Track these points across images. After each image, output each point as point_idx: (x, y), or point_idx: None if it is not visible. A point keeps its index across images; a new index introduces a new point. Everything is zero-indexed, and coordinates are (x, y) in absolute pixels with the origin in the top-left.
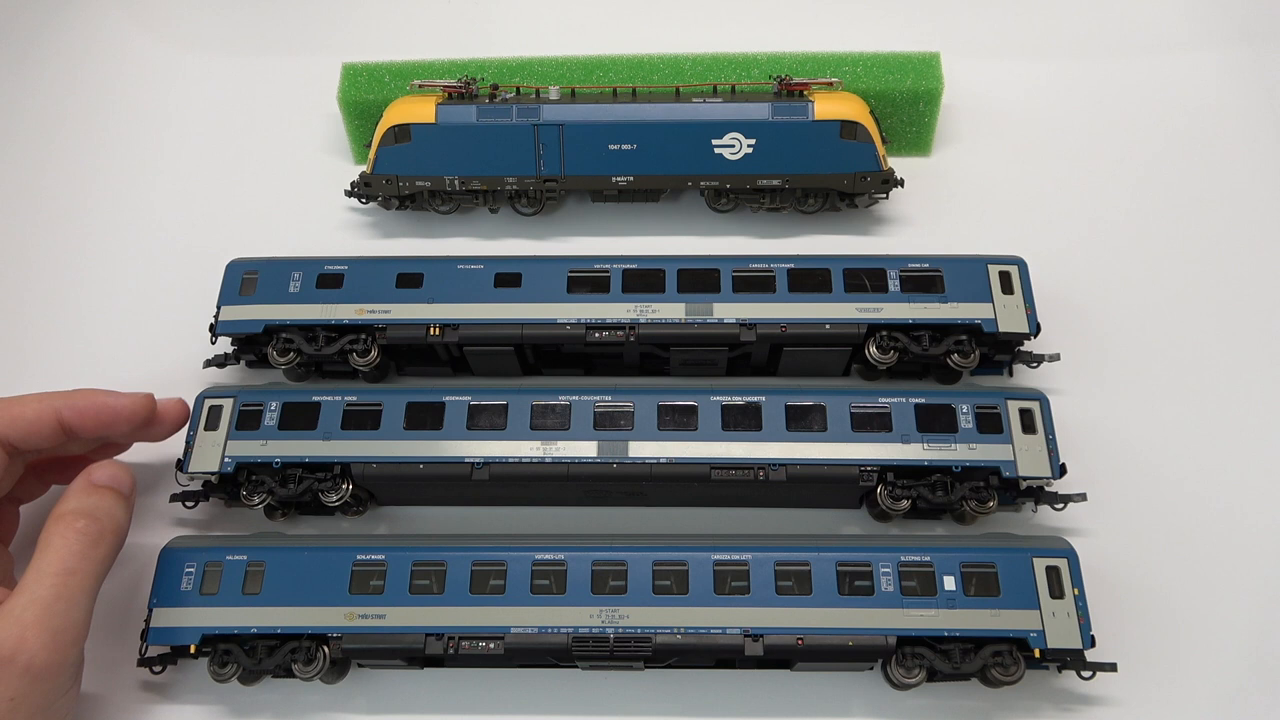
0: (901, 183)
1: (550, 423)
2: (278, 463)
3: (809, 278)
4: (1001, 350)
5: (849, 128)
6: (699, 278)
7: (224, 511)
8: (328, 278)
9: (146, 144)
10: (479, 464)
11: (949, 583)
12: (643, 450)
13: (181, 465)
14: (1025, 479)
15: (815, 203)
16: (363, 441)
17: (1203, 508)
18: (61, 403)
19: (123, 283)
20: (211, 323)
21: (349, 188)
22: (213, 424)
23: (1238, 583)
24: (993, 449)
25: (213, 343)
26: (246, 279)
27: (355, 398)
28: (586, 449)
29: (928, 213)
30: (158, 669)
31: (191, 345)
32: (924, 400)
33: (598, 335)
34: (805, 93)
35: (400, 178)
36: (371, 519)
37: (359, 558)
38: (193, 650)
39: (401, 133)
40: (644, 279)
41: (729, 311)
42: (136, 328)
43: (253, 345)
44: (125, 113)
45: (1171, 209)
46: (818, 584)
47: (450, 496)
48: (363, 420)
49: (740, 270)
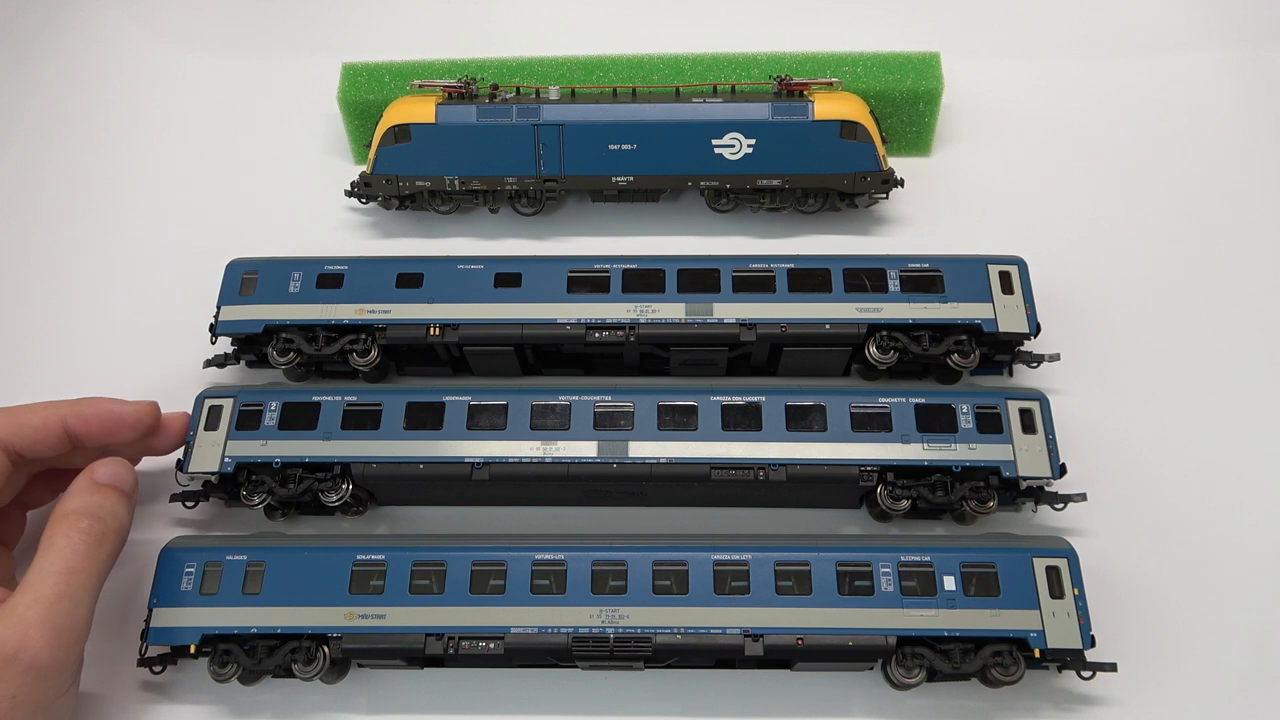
0: (901, 183)
1: (550, 423)
2: (278, 463)
3: (809, 278)
4: (1001, 350)
5: (849, 128)
6: (699, 278)
7: (224, 511)
8: (328, 278)
9: (146, 144)
10: (479, 464)
11: (949, 583)
12: (643, 450)
13: (181, 465)
14: (1025, 479)
15: (815, 203)
16: (363, 441)
17: (1203, 508)
18: (67, 410)
19: (122, 282)
20: (211, 323)
21: (349, 188)
22: (213, 424)
23: (1238, 583)
24: (993, 449)
25: (213, 343)
26: (246, 279)
27: (355, 398)
28: (586, 449)
29: (928, 213)
30: (158, 669)
31: (191, 345)
32: (924, 400)
33: (598, 335)
34: (805, 93)
35: (400, 178)
36: (371, 519)
37: (359, 558)
38: (193, 650)
39: (401, 133)
40: (644, 279)
41: (729, 311)
42: (136, 327)
43: (253, 345)
44: (125, 113)
45: (1172, 209)
46: (818, 584)
47: (450, 496)
48: (363, 420)
49: (740, 270)
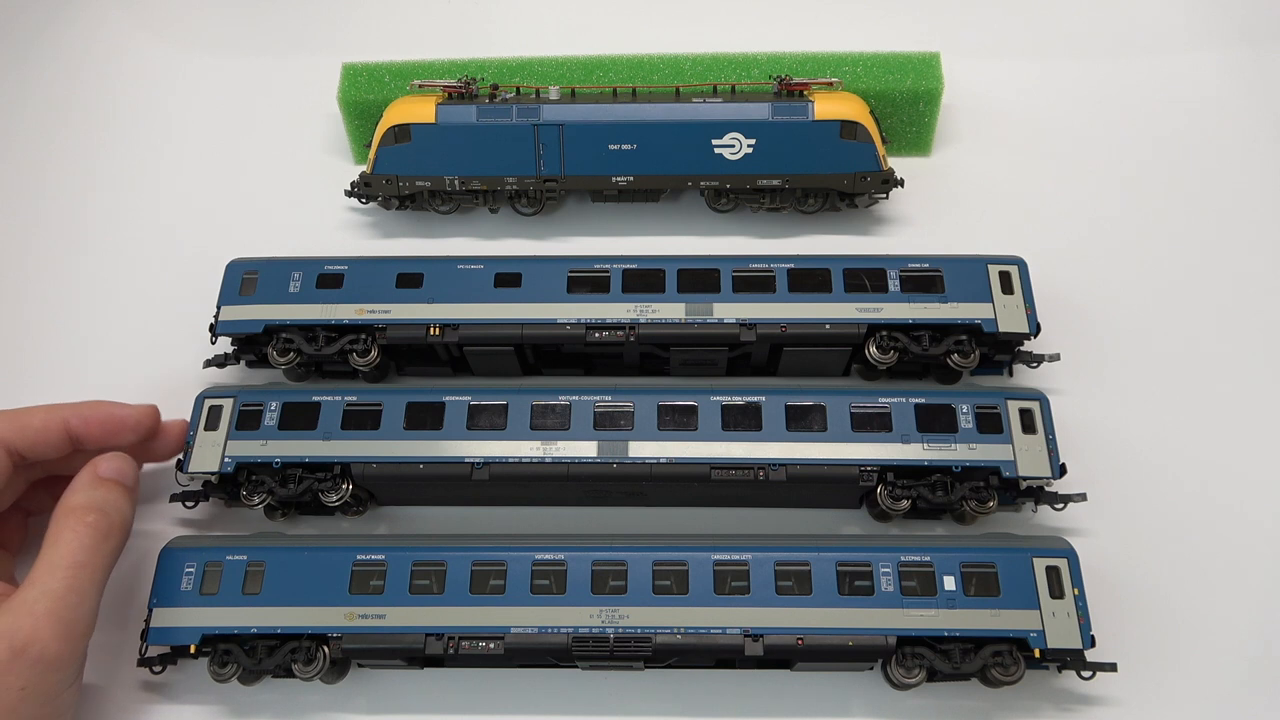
0: (901, 183)
1: (550, 423)
2: (278, 463)
3: (809, 278)
4: (1001, 350)
5: (849, 128)
6: (699, 278)
7: (224, 511)
8: (328, 278)
9: (146, 144)
10: (479, 464)
11: (949, 583)
12: (643, 450)
13: (181, 465)
14: (1025, 479)
15: (815, 203)
16: (363, 441)
17: (1203, 507)
18: (69, 412)
19: (122, 282)
20: (211, 323)
21: (349, 188)
22: (213, 424)
23: (1238, 583)
24: (993, 449)
25: (213, 343)
26: (246, 279)
27: (355, 398)
28: (586, 449)
29: (928, 213)
30: (158, 669)
31: (191, 345)
32: (924, 400)
33: (598, 335)
34: (805, 93)
35: (400, 178)
36: (371, 519)
37: (359, 558)
38: (193, 650)
39: (401, 133)
40: (644, 279)
41: (729, 311)
42: (136, 328)
43: (253, 345)
44: (125, 113)
45: (1172, 209)
46: (818, 584)
47: (450, 496)
48: (363, 420)
49: (740, 270)
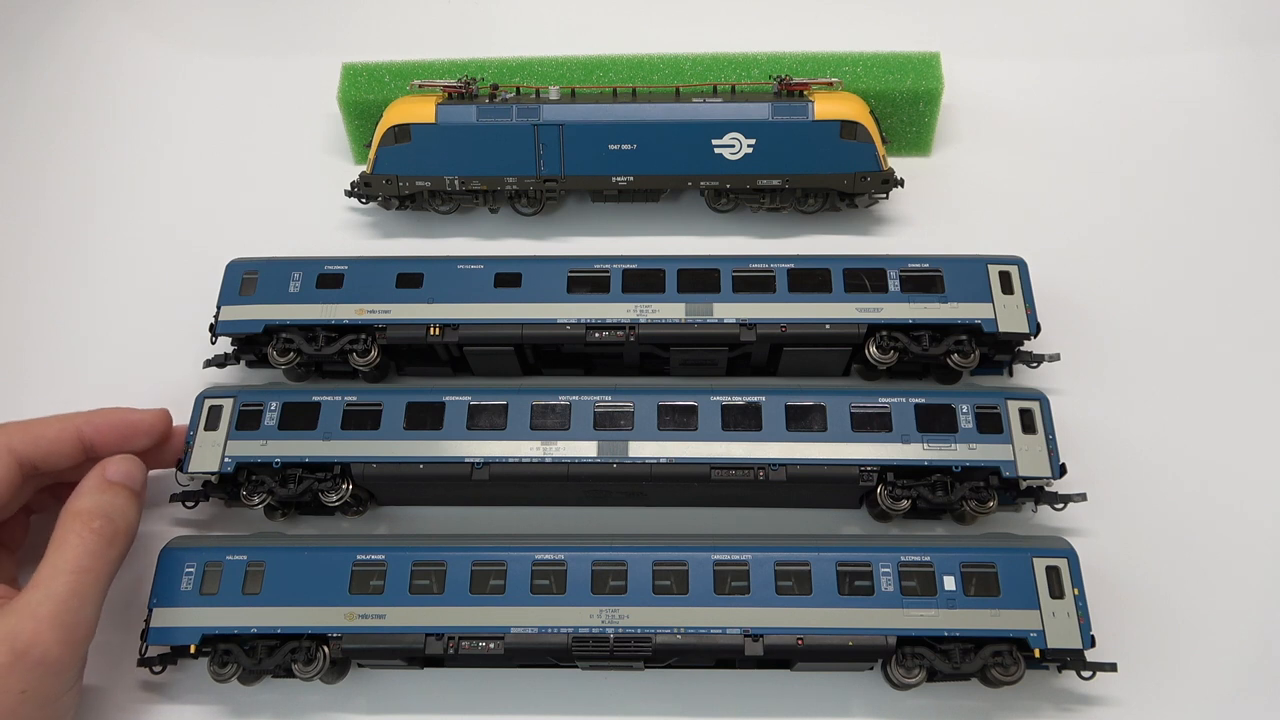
0: (901, 183)
1: (550, 423)
2: (278, 463)
3: (809, 278)
4: (1001, 350)
5: (849, 128)
6: (699, 278)
7: (224, 511)
8: (328, 278)
9: (146, 144)
10: (479, 464)
11: (949, 583)
12: (643, 450)
13: (181, 465)
14: (1025, 479)
15: (815, 203)
16: (363, 441)
17: (1203, 507)
18: (81, 421)
19: (122, 283)
20: (211, 323)
21: (349, 188)
22: (213, 424)
23: (1238, 582)
24: (993, 449)
25: (213, 343)
26: (246, 279)
27: (355, 398)
28: (586, 449)
29: (928, 213)
30: (158, 669)
31: (191, 345)
32: (924, 400)
33: (598, 335)
34: (805, 93)
35: (400, 178)
36: (371, 519)
37: (359, 558)
38: (193, 650)
39: (401, 133)
40: (644, 279)
41: (729, 311)
42: (136, 328)
43: (253, 345)
44: (125, 113)
45: (1172, 209)
46: (818, 584)
47: (450, 496)
48: (363, 420)
49: (740, 270)
